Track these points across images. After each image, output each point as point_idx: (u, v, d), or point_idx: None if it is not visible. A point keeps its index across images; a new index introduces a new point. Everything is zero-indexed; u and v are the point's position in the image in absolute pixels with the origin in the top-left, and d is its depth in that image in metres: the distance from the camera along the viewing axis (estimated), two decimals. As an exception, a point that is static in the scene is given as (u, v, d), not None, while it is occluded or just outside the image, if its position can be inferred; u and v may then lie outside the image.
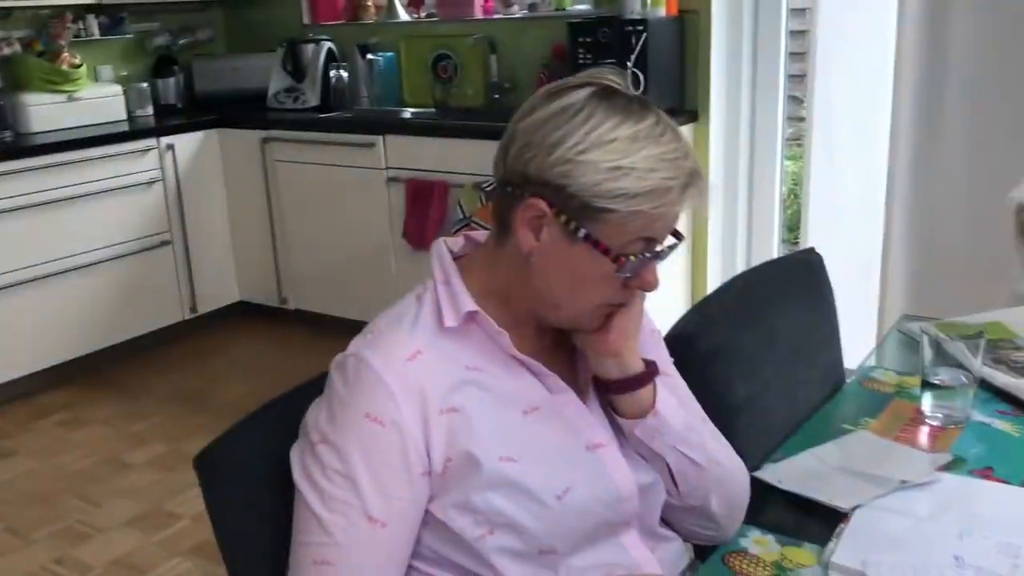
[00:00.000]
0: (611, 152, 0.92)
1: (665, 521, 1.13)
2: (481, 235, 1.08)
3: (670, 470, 1.06)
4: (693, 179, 0.95)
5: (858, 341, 1.77)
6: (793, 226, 3.81)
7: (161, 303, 3.91)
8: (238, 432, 1.01)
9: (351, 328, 1.08)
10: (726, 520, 1.11)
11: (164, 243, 3.87)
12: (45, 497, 2.82)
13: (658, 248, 0.97)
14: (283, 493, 0.99)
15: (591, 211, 0.93)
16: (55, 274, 3.51)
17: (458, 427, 0.95)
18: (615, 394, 1.03)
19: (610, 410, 1.07)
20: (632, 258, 0.95)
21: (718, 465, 1.09)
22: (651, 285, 0.99)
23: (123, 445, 3.14)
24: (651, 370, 1.04)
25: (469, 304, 0.99)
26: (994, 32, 2.67)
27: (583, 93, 0.95)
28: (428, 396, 0.94)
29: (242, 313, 4.29)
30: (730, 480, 1.11)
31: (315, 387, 1.02)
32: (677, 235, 1.01)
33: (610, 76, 0.98)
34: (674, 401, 1.06)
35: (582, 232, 0.94)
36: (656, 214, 0.93)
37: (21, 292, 3.42)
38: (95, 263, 3.64)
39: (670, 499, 1.08)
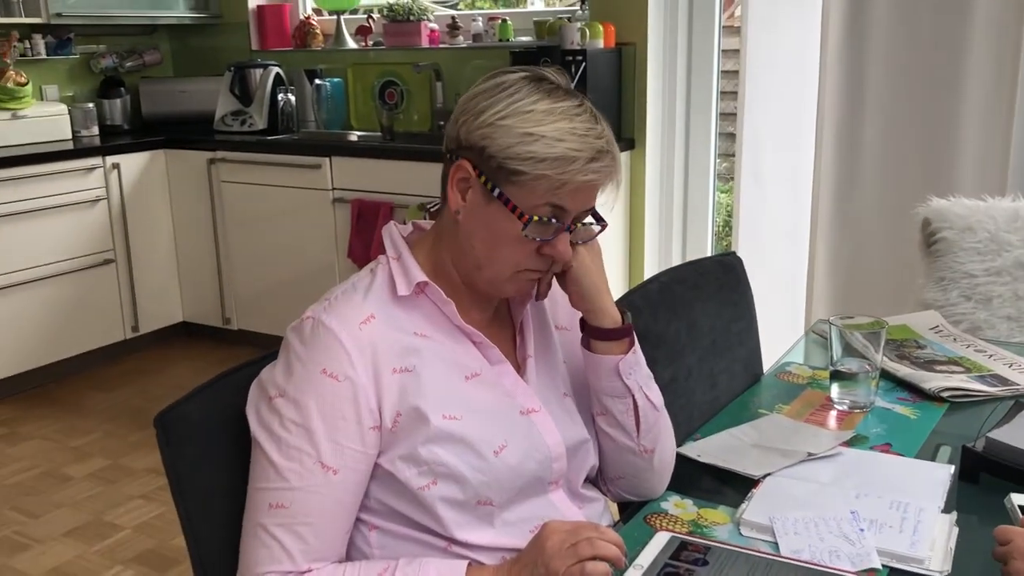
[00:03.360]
0: (527, 121, 1.03)
1: (593, 483, 1.23)
2: (427, 224, 1.18)
3: (636, 408, 1.16)
4: (600, 156, 1.04)
5: (786, 348, 1.92)
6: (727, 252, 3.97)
7: (103, 322, 3.91)
8: (195, 397, 1.08)
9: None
10: (661, 469, 1.22)
11: (107, 261, 3.88)
12: (-19, 509, 2.81)
13: (569, 220, 1.05)
14: (236, 452, 1.07)
15: (505, 172, 1.03)
16: (-4, 290, 3.51)
17: (409, 385, 1.04)
18: (610, 340, 1.14)
19: (545, 382, 1.16)
20: (536, 219, 1.03)
21: (665, 413, 1.21)
22: (561, 255, 1.07)
23: (63, 459, 3.13)
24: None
25: (420, 275, 1.08)
26: (905, 72, 2.88)
27: (518, 75, 1.07)
28: (380, 356, 1.03)
29: (185, 333, 4.30)
30: (669, 431, 1.23)
31: (267, 360, 1.10)
32: (599, 219, 1.11)
33: (547, 71, 1.09)
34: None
35: (496, 191, 1.04)
36: (561, 179, 1.02)
37: (-40, 307, 3.41)
38: (38, 280, 3.63)
39: (627, 443, 1.18)
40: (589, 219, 1.10)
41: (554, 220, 1.05)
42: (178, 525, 1.10)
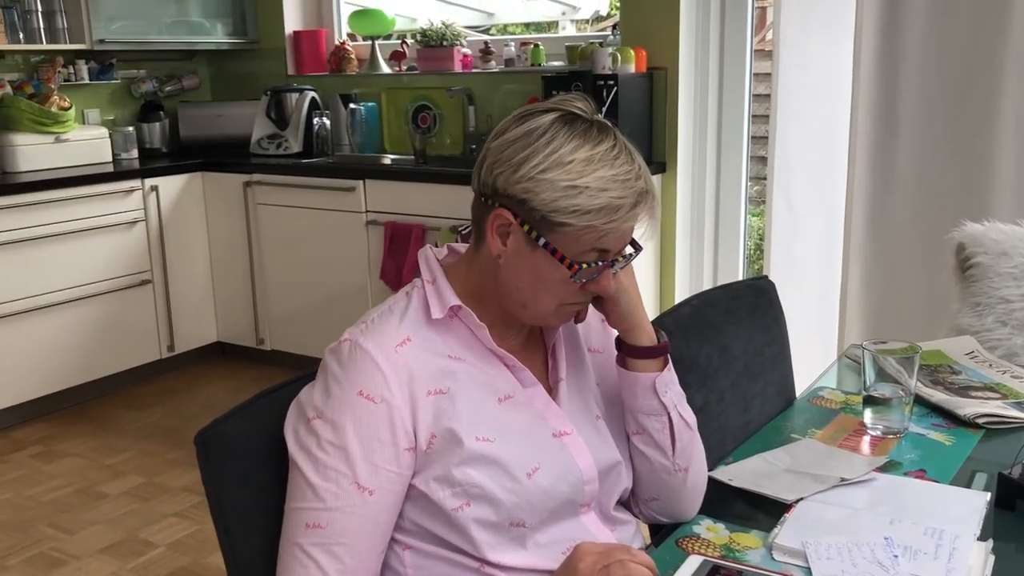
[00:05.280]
0: (568, 172, 1.03)
1: (625, 506, 1.23)
2: (462, 247, 1.20)
3: (671, 426, 1.18)
4: (643, 198, 1.06)
5: (818, 373, 1.91)
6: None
7: (139, 341, 3.97)
8: (235, 415, 1.10)
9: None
10: (694, 489, 1.23)
11: (145, 282, 3.95)
12: (19, 525, 2.85)
13: (611, 258, 1.08)
14: (274, 470, 1.08)
15: (550, 223, 1.04)
16: (36, 309, 3.57)
17: (443, 407, 1.05)
18: (646, 358, 1.16)
19: (577, 405, 1.17)
20: (585, 266, 1.06)
21: (697, 434, 1.22)
22: (606, 290, 1.10)
23: (98, 477, 3.18)
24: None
25: (453, 299, 1.10)
26: (940, 94, 2.87)
27: (548, 118, 1.07)
28: (416, 379, 1.05)
29: (219, 353, 4.36)
30: (701, 452, 1.24)
31: (304, 381, 1.12)
32: (635, 245, 1.12)
33: (576, 103, 1.10)
34: None
35: (542, 241, 1.05)
36: (607, 229, 1.04)
37: (2, 326, 3.47)
38: (76, 299, 3.70)
39: (663, 461, 1.19)
40: (627, 249, 1.11)
41: (600, 263, 1.07)
42: (211, 543, 1.12)
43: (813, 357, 2.69)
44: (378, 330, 1.07)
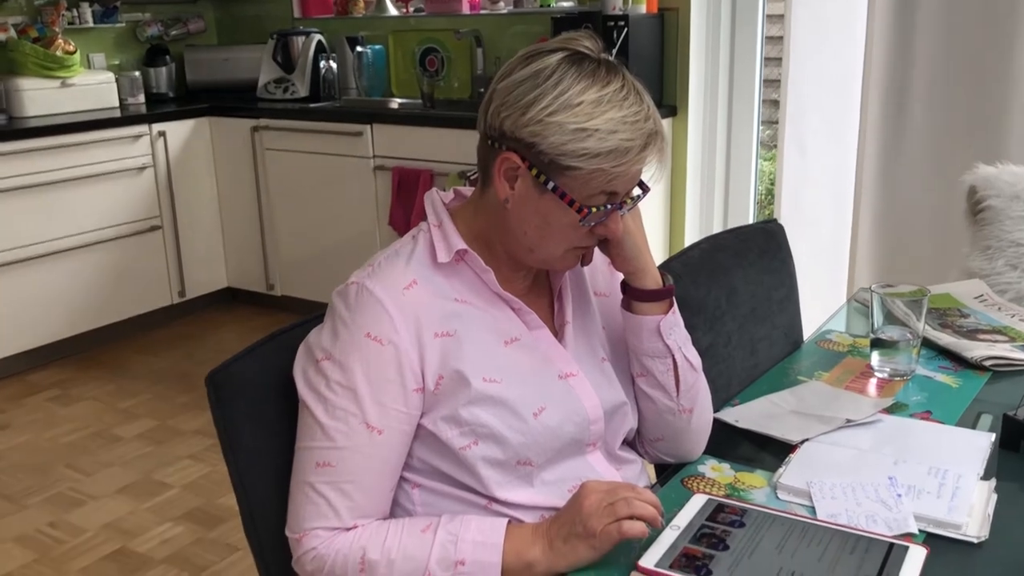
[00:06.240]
0: (577, 115, 1.01)
1: (631, 446, 1.25)
2: (468, 191, 1.19)
3: (676, 368, 1.18)
4: (652, 139, 1.05)
5: (827, 316, 1.92)
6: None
7: (150, 287, 3.99)
8: (245, 356, 1.11)
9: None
10: (699, 429, 1.23)
11: (154, 228, 3.95)
12: (38, 466, 2.90)
13: (620, 200, 1.07)
14: (284, 411, 1.10)
15: (558, 167, 1.03)
16: (47, 255, 3.59)
17: (450, 349, 1.06)
18: (651, 301, 1.16)
19: (583, 347, 1.18)
20: (594, 209, 1.05)
21: (702, 375, 1.23)
22: (615, 232, 1.10)
23: (113, 420, 3.23)
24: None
25: (460, 243, 1.10)
26: (955, 37, 2.82)
27: (555, 58, 1.05)
28: (423, 321, 1.05)
29: (229, 299, 4.38)
30: (706, 393, 1.24)
31: (312, 323, 1.13)
32: (643, 186, 1.12)
33: (583, 41, 1.08)
34: None
35: (550, 184, 1.04)
36: (616, 172, 1.03)
37: (13, 272, 3.50)
38: (86, 245, 3.72)
39: (667, 403, 1.20)
40: (636, 190, 1.10)
41: (608, 206, 1.06)
42: (225, 485, 1.14)
43: (823, 300, 2.70)
44: (385, 273, 1.07)
